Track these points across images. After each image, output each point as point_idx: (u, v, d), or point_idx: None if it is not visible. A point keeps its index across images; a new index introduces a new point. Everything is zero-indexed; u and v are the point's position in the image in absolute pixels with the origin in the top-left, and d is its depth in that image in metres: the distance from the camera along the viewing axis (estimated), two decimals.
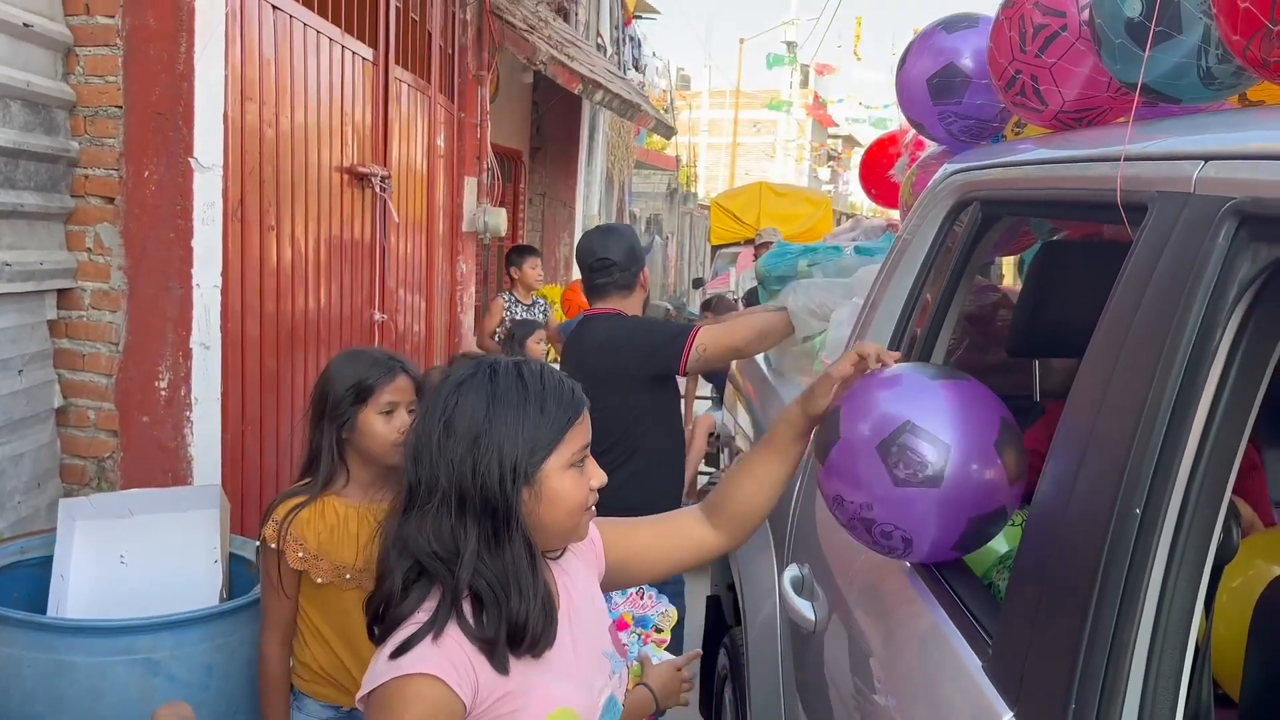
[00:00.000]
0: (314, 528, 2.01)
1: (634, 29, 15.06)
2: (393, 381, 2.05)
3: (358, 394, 2.02)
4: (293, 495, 2.06)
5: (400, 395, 2.06)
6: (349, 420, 2.02)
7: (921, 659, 1.42)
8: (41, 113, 2.96)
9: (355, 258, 4.47)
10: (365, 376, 2.03)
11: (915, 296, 2.03)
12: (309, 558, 2.00)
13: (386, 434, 2.02)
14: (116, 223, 3.08)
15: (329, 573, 2.01)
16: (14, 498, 2.92)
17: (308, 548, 2.00)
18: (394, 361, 2.11)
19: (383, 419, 2.02)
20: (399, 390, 2.05)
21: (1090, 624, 1.04)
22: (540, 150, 9.60)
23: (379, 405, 2.02)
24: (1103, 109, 1.64)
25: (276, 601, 2.05)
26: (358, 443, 2.04)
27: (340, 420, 2.02)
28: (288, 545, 2.00)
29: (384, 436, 2.02)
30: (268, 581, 2.05)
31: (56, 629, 2.16)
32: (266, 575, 2.05)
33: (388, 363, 2.10)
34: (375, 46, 4.60)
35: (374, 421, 2.02)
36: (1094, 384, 1.16)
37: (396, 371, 2.07)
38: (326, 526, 2.02)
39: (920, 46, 2.22)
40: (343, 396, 2.02)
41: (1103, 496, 1.07)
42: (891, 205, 3.52)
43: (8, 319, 2.88)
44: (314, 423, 2.07)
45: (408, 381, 2.08)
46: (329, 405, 2.03)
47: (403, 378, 2.07)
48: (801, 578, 1.97)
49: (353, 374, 2.04)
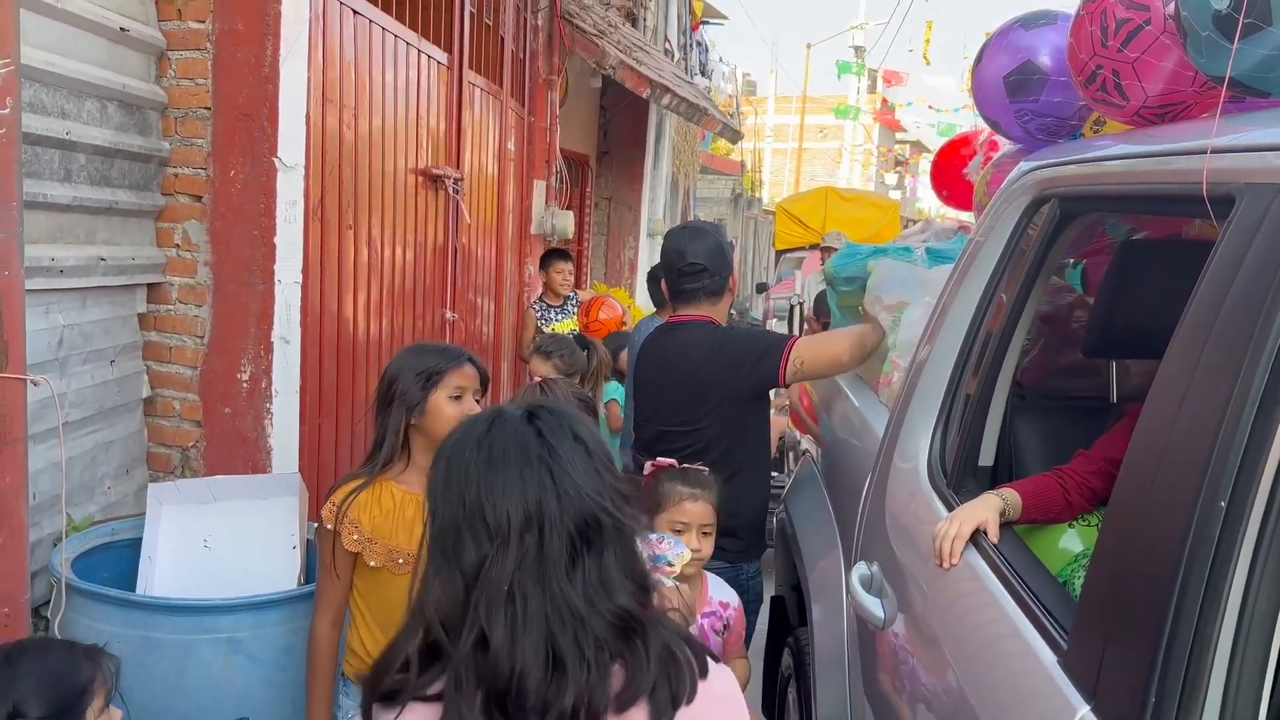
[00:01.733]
0: (369, 511, 2.04)
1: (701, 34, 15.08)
2: (461, 368, 2.12)
3: (428, 378, 2.07)
4: (353, 478, 2.10)
5: (468, 381, 2.12)
6: (419, 404, 2.07)
7: (995, 654, 1.41)
8: (136, 114, 3.08)
9: (428, 257, 4.56)
10: (435, 364, 2.10)
11: (990, 296, 2.01)
12: (363, 540, 2.03)
13: (455, 417, 2.04)
14: (204, 220, 3.19)
15: (382, 556, 2.03)
16: (104, 483, 3.04)
17: (362, 530, 2.03)
18: (461, 351, 2.18)
19: (452, 402, 2.08)
20: (467, 376, 2.12)
21: (1172, 618, 1.03)
22: (607, 154, 9.67)
23: (449, 389, 2.08)
24: (1187, 104, 1.62)
25: (330, 583, 2.08)
26: (426, 426, 2.08)
27: (410, 404, 2.06)
28: (343, 527, 2.02)
29: (453, 419, 2.03)
30: (323, 562, 2.09)
31: (146, 606, 2.26)
32: (322, 556, 2.09)
33: (455, 351, 2.17)
34: (450, 51, 4.70)
35: (444, 404, 2.07)
36: (1177, 377, 1.14)
37: (464, 360, 2.14)
38: (382, 510, 2.05)
39: (997, 44, 2.21)
40: (413, 381, 2.07)
41: (1185, 490, 1.06)
42: (963, 207, 3.49)
43: (101, 311, 3.00)
44: (380, 409, 2.11)
45: (474, 371, 2.14)
46: (398, 391, 2.08)
47: (469, 366, 2.13)
48: (870, 575, 1.97)
49: (421, 362, 2.10)
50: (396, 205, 4.15)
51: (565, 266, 5.81)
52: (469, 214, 4.95)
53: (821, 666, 2.30)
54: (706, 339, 2.79)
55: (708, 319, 2.85)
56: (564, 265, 5.81)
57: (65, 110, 2.77)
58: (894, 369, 2.66)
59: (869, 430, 2.44)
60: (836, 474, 2.70)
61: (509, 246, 5.89)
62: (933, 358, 2.09)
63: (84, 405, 2.91)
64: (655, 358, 2.94)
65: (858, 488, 2.27)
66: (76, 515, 2.83)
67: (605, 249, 9.94)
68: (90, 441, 2.96)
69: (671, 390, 2.82)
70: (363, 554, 2.03)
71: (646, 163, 10.01)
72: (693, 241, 2.89)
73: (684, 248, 2.87)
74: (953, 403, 2.02)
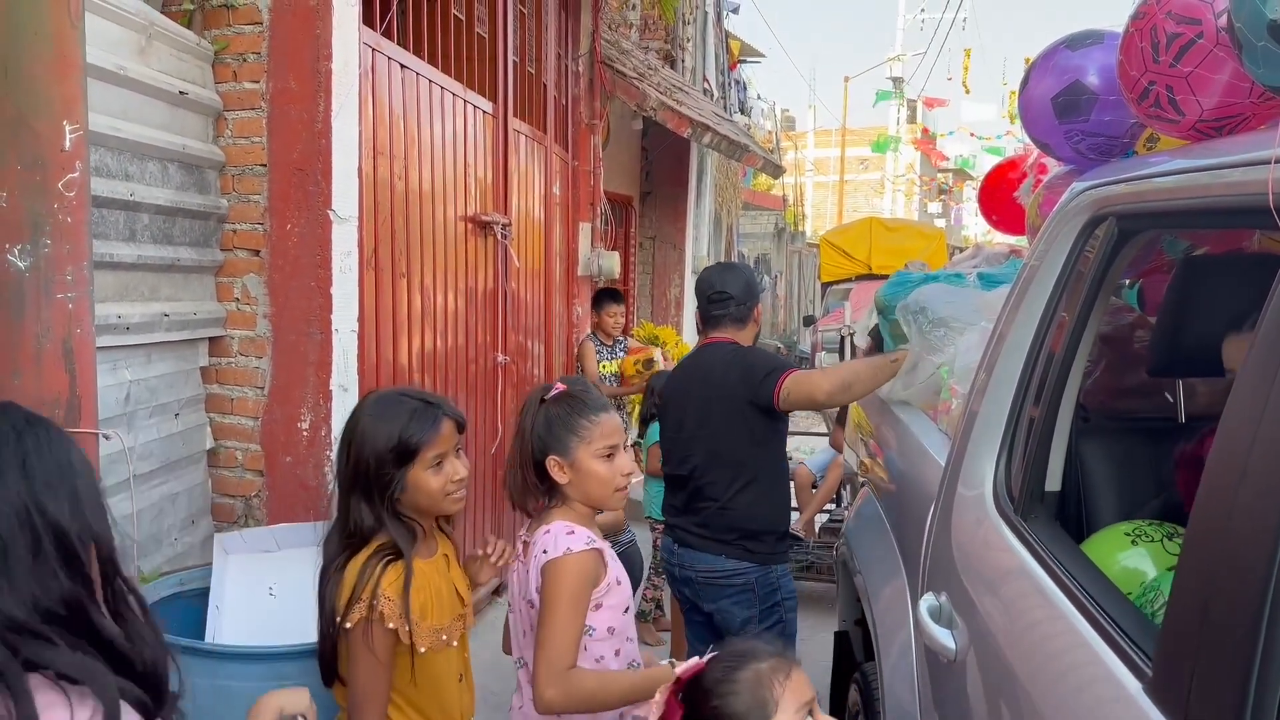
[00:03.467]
0: (414, 595, 1.85)
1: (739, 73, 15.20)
2: (439, 432, 1.88)
3: (401, 454, 1.85)
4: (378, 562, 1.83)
5: (446, 444, 1.90)
6: (397, 484, 1.86)
7: (1075, 682, 1.37)
8: (195, 173, 3.18)
9: (479, 302, 4.62)
10: (407, 434, 1.85)
11: (1049, 318, 1.98)
12: (415, 628, 1.84)
13: (439, 487, 1.89)
14: (261, 273, 3.27)
15: (430, 638, 1.88)
16: (171, 534, 3.10)
17: (413, 617, 1.84)
18: (433, 409, 1.91)
19: (432, 473, 1.88)
20: (444, 440, 1.89)
21: (1264, 638, 1.00)
22: (650, 195, 9.76)
23: (426, 462, 1.87)
24: (1244, 116, 1.59)
25: (381, 681, 1.84)
26: (409, 501, 1.89)
27: (386, 489, 1.85)
28: (400, 621, 1.81)
29: (438, 490, 1.89)
30: (368, 664, 1.82)
31: (216, 655, 2.28)
32: (364, 659, 1.82)
33: (427, 411, 1.89)
34: (494, 100, 4.79)
35: (425, 479, 1.88)
36: (1254, 391, 1.12)
37: (439, 418, 1.89)
38: (420, 590, 1.88)
39: (1043, 66, 2.19)
40: (384, 459, 1.85)
41: (1269, 507, 1.03)
42: (1013, 231, 3.45)
43: (166, 365, 3.08)
44: (353, 490, 1.88)
45: (451, 426, 1.92)
46: (372, 472, 1.85)
47: (446, 425, 1.90)
48: (939, 606, 1.93)
49: (389, 433, 1.85)
50: (447, 252, 4.22)
51: (617, 309, 5.87)
52: (517, 258, 5.02)
53: (891, 702, 2.25)
54: (729, 355, 3.11)
55: (732, 341, 3.16)
56: (616, 308, 5.87)
57: (129, 172, 2.87)
58: (952, 395, 2.63)
59: (929, 459, 2.41)
60: (898, 505, 2.67)
61: (557, 289, 5.95)
62: (993, 382, 2.06)
63: (150, 458, 2.97)
64: (683, 372, 3.31)
65: (921, 517, 2.24)
66: (145, 567, 2.88)
67: (651, 288, 9.99)
68: (157, 494, 3.02)
69: (692, 397, 3.13)
70: (416, 642, 1.84)
71: (689, 201, 10.08)
72: (723, 274, 3.26)
73: (715, 279, 3.23)
74: (1016, 428, 1.98)
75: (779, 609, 3.07)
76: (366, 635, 1.81)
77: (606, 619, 1.99)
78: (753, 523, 3.00)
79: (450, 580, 2.00)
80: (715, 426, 3.06)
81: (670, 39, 10.07)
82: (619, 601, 2.02)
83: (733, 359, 3.08)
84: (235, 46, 3.25)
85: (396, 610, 1.80)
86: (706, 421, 3.07)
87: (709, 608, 3.13)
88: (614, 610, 2.00)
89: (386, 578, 1.82)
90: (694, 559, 3.08)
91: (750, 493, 3.01)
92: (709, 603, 3.12)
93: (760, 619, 3.05)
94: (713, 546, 3.03)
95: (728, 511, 3.02)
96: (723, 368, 3.07)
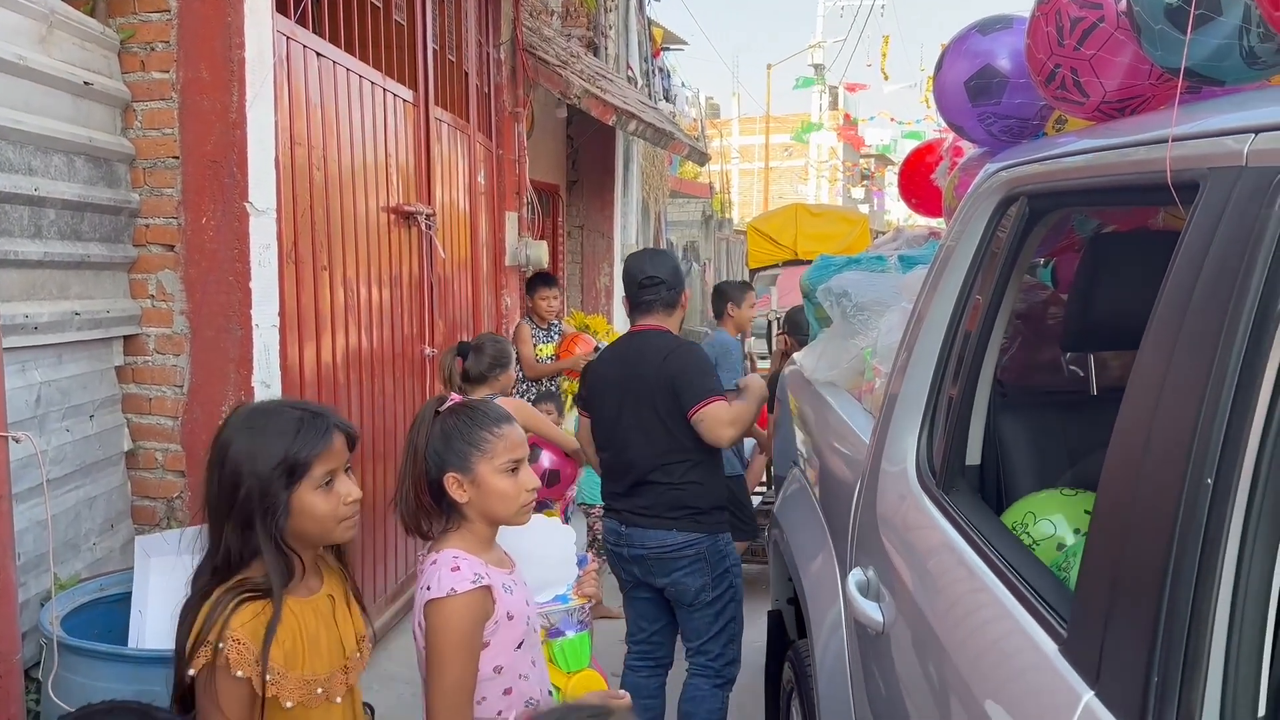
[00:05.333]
0: (279, 640, 1.58)
1: (663, 60, 15.21)
2: (330, 446, 1.62)
3: (289, 473, 1.59)
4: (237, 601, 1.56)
5: (338, 460, 1.65)
6: (282, 511, 1.58)
7: (997, 648, 1.42)
8: (104, 167, 3.08)
9: (405, 294, 4.56)
10: (295, 448, 1.59)
11: (965, 297, 2.04)
12: (277, 678, 1.57)
13: (330, 511, 1.63)
14: (177, 269, 3.19)
15: (298, 692, 1.60)
16: (89, 539, 3.00)
17: (275, 665, 1.56)
18: (321, 418, 1.65)
19: (321, 494, 1.62)
20: (335, 455, 1.64)
21: (1168, 597, 1.04)
22: (577, 183, 9.73)
23: (314, 481, 1.61)
24: (1145, 97, 1.65)
25: None
26: (293, 528, 1.62)
27: (269, 514, 1.57)
28: (254, 669, 1.53)
29: (329, 514, 1.63)
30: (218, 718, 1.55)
31: (141, 660, 2.23)
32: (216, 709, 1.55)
33: (315, 421, 1.63)
34: (415, 88, 4.72)
35: (313, 501, 1.61)
36: (1156, 360, 1.16)
37: (330, 430, 1.63)
38: (289, 634, 1.60)
39: (956, 51, 2.24)
40: (270, 479, 1.57)
41: (1172, 471, 1.08)
42: (932, 213, 3.54)
43: (78, 366, 2.98)
44: (228, 516, 1.59)
45: (342, 440, 1.66)
46: (256, 495, 1.57)
47: (336, 438, 1.64)
48: (866, 580, 1.97)
49: (274, 447, 1.59)
50: (370, 244, 4.16)
51: (550, 292, 5.96)
52: (443, 249, 4.96)
53: (824, 676, 2.30)
54: (671, 343, 3.20)
55: (665, 329, 3.25)
56: (549, 291, 5.96)
57: (33, 166, 2.77)
58: (875, 375, 2.68)
59: (855, 438, 2.46)
60: (825, 483, 2.71)
61: (485, 279, 5.90)
62: (913, 361, 2.11)
63: (65, 462, 2.88)
64: (615, 359, 3.32)
65: (848, 495, 2.28)
66: (63, 573, 2.79)
67: (580, 277, 9.97)
68: (73, 498, 2.93)
69: (627, 386, 3.19)
70: (277, 695, 1.57)
71: (616, 189, 10.07)
72: (653, 260, 3.37)
73: (645, 264, 3.31)
74: (936, 404, 2.03)
75: (729, 574, 3.22)
76: (210, 686, 1.54)
77: (493, 657, 1.84)
78: (698, 499, 3.16)
79: (334, 624, 1.70)
80: (652, 414, 3.15)
81: (592, 26, 10.03)
82: (510, 638, 1.87)
83: (677, 348, 3.18)
84: (142, 35, 3.15)
85: (249, 655, 1.53)
86: (642, 409, 3.16)
87: (661, 582, 3.21)
88: (503, 647, 1.86)
89: (239, 616, 1.54)
90: (643, 537, 3.17)
91: (692, 473, 3.16)
92: (661, 577, 3.20)
93: (714, 585, 3.19)
94: (662, 523, 3.15)
95: (673, 491, 3.15)
96: (658, 359, 3.14)
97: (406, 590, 4.60)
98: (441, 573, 1.80)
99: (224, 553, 1.60)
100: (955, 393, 1.98)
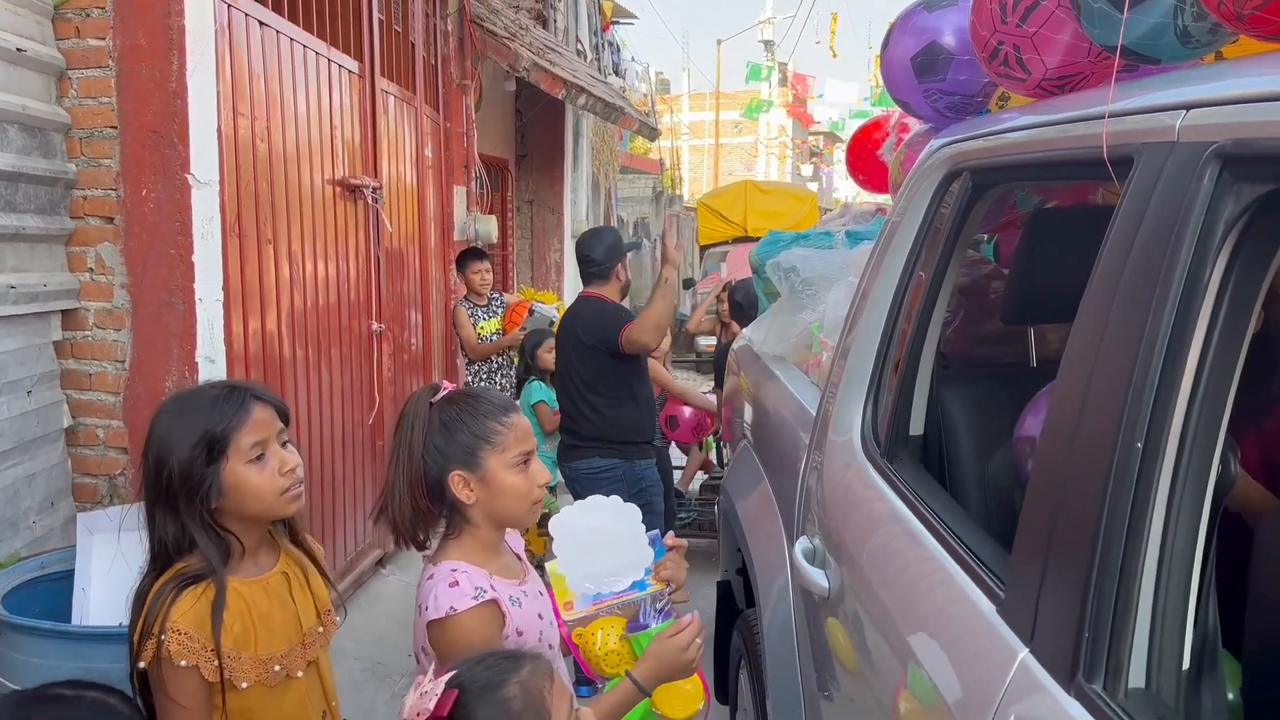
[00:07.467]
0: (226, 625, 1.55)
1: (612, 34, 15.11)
2: (248, 415, 1.59)
3: (210, 449, 1.56)
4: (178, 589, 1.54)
5: (265, 430, 1.61)
6: (211, 486, 1.56)
7: (938, 610, 1.46)
8: (38, 136, 3.00)
9: (351, 269, 4.51)
10: (211, 423, 1.56)
11: (910, 272, 2.07)
12: (229, 661, 1.55)
13: (267, 483, 1.60)
14: (117, 242, 3.12)
15: (254, 671, 1.59)
16: (29, 517, 2.95)
17: (225, 649, 1.55)
18: (239, 392, 1.63)
19: (255, 468, 1.59)
20: (261, 424, 1.60)
21: (1098, 557, 1.08)
22: (526, 158, 9.65)
23: (242, 454, 1.58)
24: (1084, 74, 1.68)
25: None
26: (230, 507, 1.59)
27: (199, 492, 1.55)
28: (201, 655, 1.52)
29: (266, 487, 1.59)
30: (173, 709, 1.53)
31: (85, 637, 2.20)
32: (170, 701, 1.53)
33: (231, 395, 1.61)
34: (360, 59, 4.65)
35: (246, 475, 1.58)
36: (1091, 331, 1.20)
37: (248, 402, 1.60)
38: (235, 616, 1.58)
39: (902, 27, 2.27)
40: (191, 459, 1.55)
41: (1105, 435, 1.12)
42: (879, 189, 3.58)
43: (14, 341, 2.91)
44: (157, 504, 1.58)
45: (267, 410, 1.62)
46: (177, 478, 1.55)
47: (258, 407, 1.61)
48: (813, 548, 2.01)
49: (192, 425, 1.57)
50: (315, 217, 4.10)
51: (482, 266, 5.85)
52: (390, 223, 4.91)
53: (771, 644, 2.34)
54: (596, 305, 4.08)
55: (599, 296, 4.10)
56: (480, 265, 5.85)
57: None
58: (822, 349, 2.72)
59: (802, 410, 2.49)
60: (773, 455, 2.75)
61: (433, 254, 5.84)
62: (859, 334, 2.14)
63: (2, 439, 2.82)
64: (566, 321, 4.20)
65: (795, 465, 2.32)
66: (2, 552, 2.74)
67: (530, 252, 9.92)
68: (11, 475, 2.87)
69: (571, 342, 4.06)
70: (231, 678, 1.55)
71: (566, 164, 10.01)
72: (591, 240, 4.19)
73: (584, 244, 4.17)
74: (881, 376, 2.07)
75: (645, 494, 3.97)
76: (159, 679, 1.53)
77: None
78: (616, 433, 3.98)
79: (290, 600, 1.68)
80: (584, 361, 4.00)
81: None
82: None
83: (598, 309, 4.04)
84: (77, 0, 3.06)
85: (192, 644, 1.51)
86: (579, 358, 4.01)
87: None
88: None
89: (178, 606, 1.52)
90: (577, 463, 4.04)
91: (614, 410, 3.98)
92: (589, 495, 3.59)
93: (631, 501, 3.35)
94: (588, 451, 4.00)
95: (595, 424, 3.98)
96: (590, 316, 4.02)
97: (356, 567, 4.58)
98: (438, 589, 1.61)
99: (160, 542, 1.58)
100: (899, 365, 2.02)
